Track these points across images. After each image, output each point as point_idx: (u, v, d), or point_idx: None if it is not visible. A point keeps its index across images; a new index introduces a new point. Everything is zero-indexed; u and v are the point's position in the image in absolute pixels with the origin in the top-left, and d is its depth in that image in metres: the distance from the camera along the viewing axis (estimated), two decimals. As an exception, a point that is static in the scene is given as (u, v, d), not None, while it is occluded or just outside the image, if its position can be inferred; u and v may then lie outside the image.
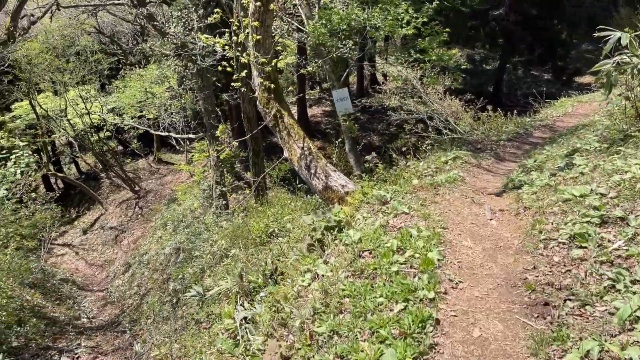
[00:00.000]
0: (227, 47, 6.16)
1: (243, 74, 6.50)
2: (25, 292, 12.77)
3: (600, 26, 5.65)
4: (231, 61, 6.84)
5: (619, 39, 5.39)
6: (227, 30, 7.54)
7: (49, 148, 27.26)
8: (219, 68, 6.48)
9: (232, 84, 6.64)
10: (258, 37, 6.24)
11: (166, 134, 19.80)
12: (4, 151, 9.82)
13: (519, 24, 23.35)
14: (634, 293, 3.24)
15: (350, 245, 4.72)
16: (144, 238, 18.96)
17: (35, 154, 25.30)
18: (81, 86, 21.15)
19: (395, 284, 3.82)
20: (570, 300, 3.49)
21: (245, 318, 4.65)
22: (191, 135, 18.36)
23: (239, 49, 6.55)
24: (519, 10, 23.33)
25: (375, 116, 23.54)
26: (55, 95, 21.62)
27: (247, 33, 6.42)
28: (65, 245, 22.01)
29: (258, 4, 6.11)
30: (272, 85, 6.56)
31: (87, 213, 25.05)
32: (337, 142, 10.64)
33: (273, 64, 6.34)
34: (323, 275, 4.43)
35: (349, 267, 4.31)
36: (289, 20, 12.97)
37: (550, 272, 3.91)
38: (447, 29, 11.93)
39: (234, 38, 6.31)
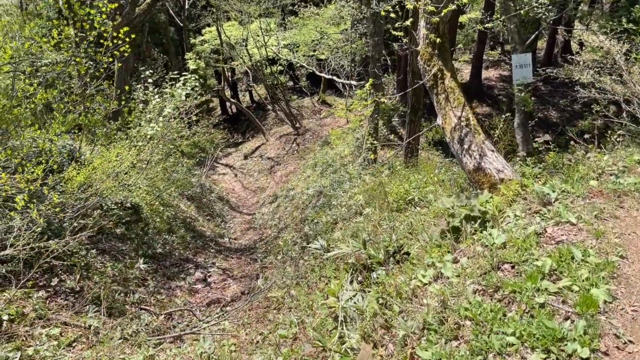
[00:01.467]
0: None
1: (408, 22, 5.66)
2: (182, 203, 14.05)
3: None
4: (396, 7, 6.04)
5: None
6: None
7: (229, 74, 29.47)
8: (382, 12, 5.73)
9: (394, 32, 5.86)
10: (432, -21, 5.31)
11: (330, 76, 19.74)
12: (176, 73, 10.47)
13: None
14: None
15: (490, 249, 3.84)
16: (294, 174, 19.59)
17: (215, 78, 27.58)
18: (263, 18, 21.99)
19: (536, 321, 2.88)
20: None
21: (350, 298, 4.15)
22: (353, 82, 18.00)
23: (407, -8, 5.69)
24: None
25: (559, 90, 20.67)
26: (240, 25, 22.84)
27: (421, -26, 5.51)
28: (228, 166, 23.97)
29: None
30: (438, 40, 5.60)
31: (251, 140, 26.88)
32: (506, 114, 9.25)
33: (443, 14, 5.37)
34: (447, 279, 3.67)
35: (481, 279, 3.46)
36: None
37: None
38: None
39: (404, -22, 5.48)
